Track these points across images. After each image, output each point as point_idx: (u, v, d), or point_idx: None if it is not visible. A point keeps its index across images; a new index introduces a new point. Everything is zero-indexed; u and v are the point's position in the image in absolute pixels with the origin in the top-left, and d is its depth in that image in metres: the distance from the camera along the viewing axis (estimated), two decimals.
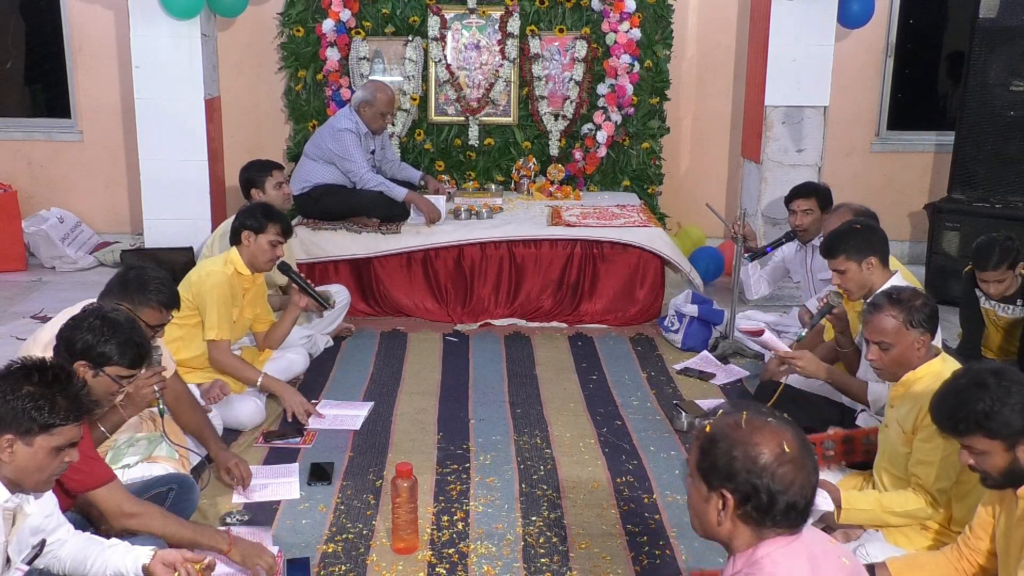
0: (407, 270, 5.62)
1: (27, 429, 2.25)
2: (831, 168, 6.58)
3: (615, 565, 3.13)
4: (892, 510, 2.89)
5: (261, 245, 4.12)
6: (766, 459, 1.79)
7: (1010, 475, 2.37)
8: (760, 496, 1.79)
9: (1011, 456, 2.34)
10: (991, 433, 2.33)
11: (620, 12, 6.35)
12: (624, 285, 5.59)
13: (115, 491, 2.74)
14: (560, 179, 6.50)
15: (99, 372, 2.78)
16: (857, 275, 3.69)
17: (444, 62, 6.50)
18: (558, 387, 4.65)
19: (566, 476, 3.73)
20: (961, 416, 2.37)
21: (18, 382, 2.27)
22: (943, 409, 2.44)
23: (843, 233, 3.75)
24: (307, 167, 5.64)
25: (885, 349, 2.99)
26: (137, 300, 3.21)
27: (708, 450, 1.85)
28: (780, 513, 1.80)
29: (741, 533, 1.84)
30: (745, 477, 1.79)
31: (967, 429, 2.36)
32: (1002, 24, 5.89)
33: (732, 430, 1.84)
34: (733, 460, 1.81)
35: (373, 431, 4.13)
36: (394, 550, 3.18)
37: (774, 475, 1.78)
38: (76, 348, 2.76)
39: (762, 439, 1.81)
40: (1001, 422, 2.32)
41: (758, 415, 1.87)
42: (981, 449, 2.36)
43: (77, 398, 2.32)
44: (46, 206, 6.89)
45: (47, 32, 6.87)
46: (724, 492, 1.82)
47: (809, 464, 1.82)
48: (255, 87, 6.82)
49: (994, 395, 2.33)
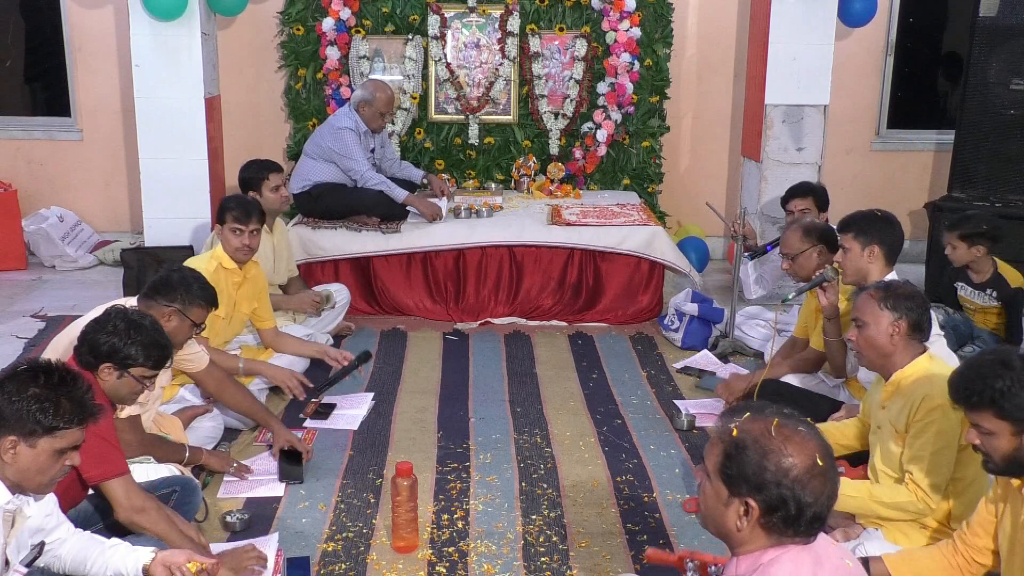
0: (407, 269, 5.62)
1: (31, 431, 2.25)
2: (831, 167, 6.58)
3: (615, 564, 3.13)
4: (880, 500, 2.89)
5: (226, 235, 4.17)
6: (798, 472, 1.74)
7: (1013, 462, 2.35)
8: (788, 507, 1.74)
9: (1017, 442, 2.32)
10: (1002, 412, 2.31)
11: (620, 11, 6.35)
12: (624, 284, 5.59)
13: (126, 483, 2.79)
14: (560, 178, 6.50)
15: (124, 374, 2.84)
16: (857, 258, 3.73)
17: (444, 61, 6.50)
18: (558, 386, 4.65)
19: (566, 475, 3.73)
20: (977, 388, 2.34)
21: (24, 384, 2.27)
22: (962, 379, 2.41)
23: (862, 214, 3.85)
24: (307, 166, 5.64)
25: (860, 327, 3.01)
26: (185, 300, 3.36)
27: (735, 456, 1.79)
28: (805, 524, 1.76)
29: (757, 538, 1.80)
30: (776, 490, 1.74)
31: (979, 403, 2.34)
32: (1002, 23, 5.89)
33: (762, 438, 1.77)
34: (764, 471, 1.75)
35: (373, 430, 4.13)
36: (394, 549, 3.18)
37: (805, 488, 1.73)
38: (102, 350, 2.81)
39: (794, 450, 1.75)
40: (1016, 404, 2.29)
41: (788, 422, 1.80)
42: (989, 428, 2.34)
43: (82, 401, 2.33)
44: (46, 205, 6.88)
45: (47, 31, 6.87)
46: (749, 501, 1.77)
47: (835, 475, 1.78)
48: (255, 86, 6.82)
49: (1017, 376, 2.30)
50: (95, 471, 2.73)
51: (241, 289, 4.24)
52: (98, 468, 2.73)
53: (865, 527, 3.00)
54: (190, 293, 3.38)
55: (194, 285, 3.41)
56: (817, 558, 1.80)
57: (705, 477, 1.87)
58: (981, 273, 4.49)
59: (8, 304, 5.83)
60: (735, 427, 1.81)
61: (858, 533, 2.97)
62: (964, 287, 4.57)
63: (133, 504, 2.76)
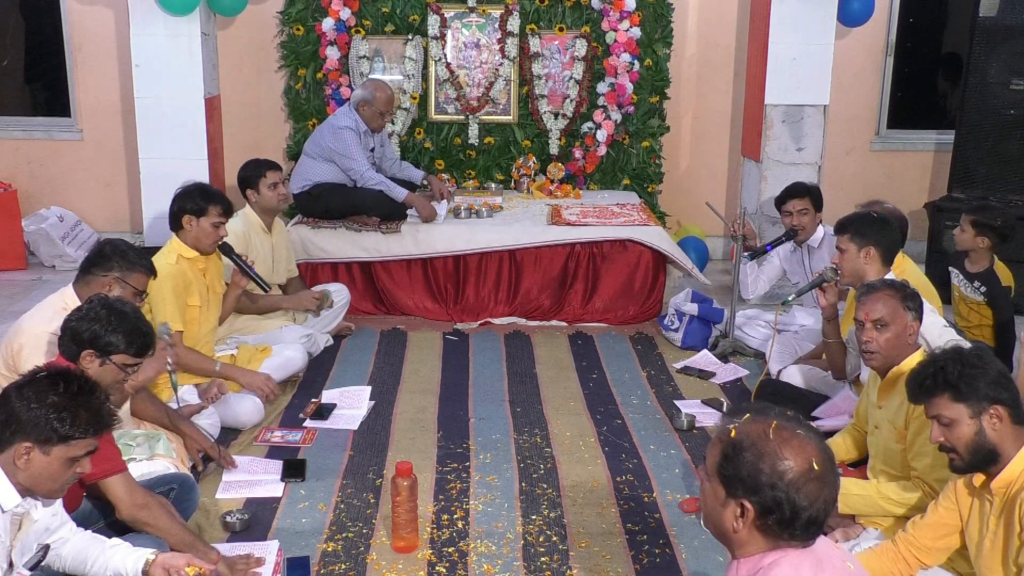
0: (407, 269, 5.62)
1: (46, 438, 2.26)
2: (831, 167, 6.58)
3: (615, 564, 3.13)
4: (888, 496, 2.90)
5: (204, 228, 4.09)
6: (793, 475, 1.73)
7: (977, 451, 2.38)
8: (783, 510, 1.73)
9: (976, 426, 2.37)
10: (957, 394, 2.37)
11: (620, 11, 6.35)
12: (624, 284, 5.59)
13: (127, 480, 2.79)
14: (560, 178, 6.50)
15: (106, 361, 2.82)
16: (854, 259, 3.76)
17: (444, 61, 6.50)
18: (558, 386, 4.65)
19: (566, 475, 3.73)
20: (931, 373, 2.42)
21: (43, 391, 2.28)
22: (916, 373, 2.49)
23: (859, 216, 3.88)
24: (307, 165, 5.64)
25: (881, 328, 3.01)
26: (123, 267, 3.32)
27: (732, 457, 1.78)
28: (801, 527, 1.75)
29: (755, 541, 1.80)
30: (770, 492, 1.73)
31: (934, 387, 2.40)
32: (1002, 23, 5.89)
33: (760, 440, 1.77)
34: (759, 473, 1.74)
35: (373, 430, 4.13)
36: (394, 549, 3.18)
37: (800, 491, 1.72)
38: (83, 338, 2.80)
39: (791, 453, 1.74)
40: (967, 382, 2.37)
41: (787, 424, 1.79)
42: (948, 417, 2.39)
43: (99, 412, 2.34)
44: (46, 205, 6.88)
45: (47, 31, 6.87)
46: (745, 503, 1.77)
47: (833, 479, 1.77)
48: (255, 86, 6.82)
49: (967, 359, 2.40)
50: (95, 469, 2.72)
51: (208, 273, 4.22)
52: (98, 466, 2.72)
53: (865, 527, 3.00)
54: (126, 260, 3.34)
55: (129, 252, 3.38)
56: (818, 561, 1.79)
57: (705, 477, 1.87)
58: (977, 264, 4.53)
59: (8, 304, 5.83)
60: (733, 428, 1.81)
61: (858, 533, 2.98)
62: (957, 274, 4.60)
63: (135, 500, 2.77)
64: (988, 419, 2.37)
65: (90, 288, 3.28)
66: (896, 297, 3.02)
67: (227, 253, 4.31)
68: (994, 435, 2.36)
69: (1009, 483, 2.38)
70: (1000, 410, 2.36)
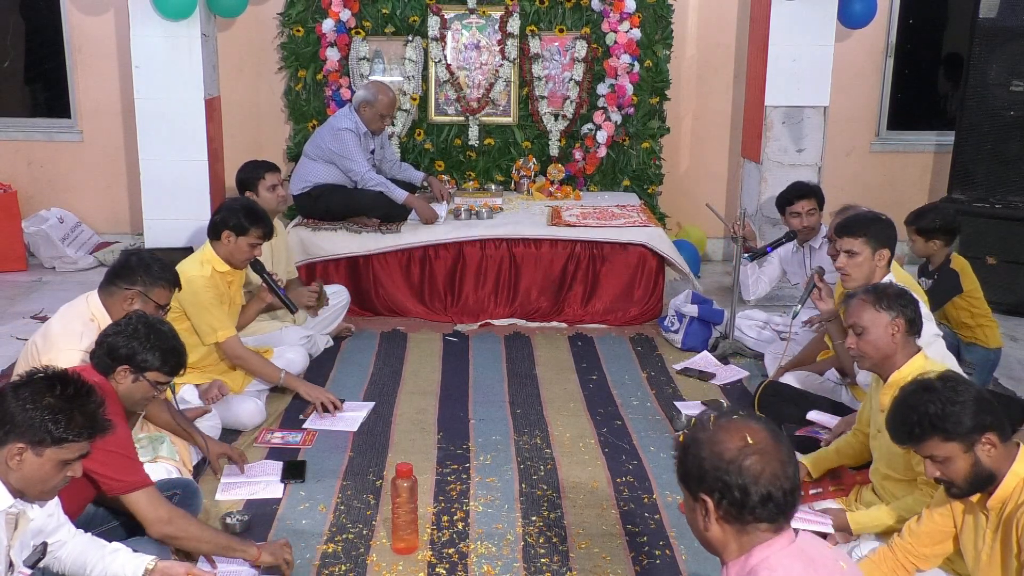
0: (407, 270, 5.62)
1: (40, 440, 2.26)
2: (831, 168, 6.58)
3: (615, 565, 3.13)
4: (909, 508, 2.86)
5: (241, 246, 4.14)
6: (731, 453, 1.79)
7: (975, 479, 2.39)
8: (732, 492, 1.78)
9: (971, 458, 2.38)
10: (946, 434, 2.37)
11: (620, 12, 6.35)
12: (624, 285, 5.59)
13: (152, 495, 2.77)
14: (560, 179, 6.50)
15: (139, 377, 2.87)
16: (868, 262, 3.70)
17: (444, 62, 6.50)
18: (558, 387, 4.65)
19: (566, 476, 3.73)
20: (915, 421, 2.40)
21: (40, 392, 2.29)
22: (897, 420, 2.47)
23: (870, 219, 3.81)
24: (307, 167, 5.64)
25: (859, 333, 3.02)
26: (147, 281, 3.34)
27: (683, 459, 1.86)
28: (757, 506, 1.78)
29: (728, 537, 1.83)
30: (714, 475, 1.79)
31: (923, 433, 2.40)
32: (1002, 24, 5.89)
33: (700, 433, 1.85)
34: (702, 461, 1.81)
35: (373, 431, 4.13)
36: (394, 550, 3.18)
37: (740, 467, 1.77)
38: (120, 353, 2.84)
39: (726, 435, 1.81)
40: (953, 420, 2.35)
41: (726, 415, 1.86)
42: (942, 455, 2.39)
43: (94, 416, 2.34)
44: (46, 206, 6.89)
45: (47, 32, 6.87)
46: (703, 496, 1.82)
47: (780, 453, 1.81)
48: (255, 87, 6.82)
49: (943, 396, 2.38)
50: (119, 485, 2.73)
51: (233, 285, 4.26)
52: (122, 482, 2.73)
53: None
54: (150, 274, 3.35)
55: (154, 266, 3.38)
56: (811, 560, 1.81)
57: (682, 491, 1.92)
58: (935, 264, 4.59)
59: (8, 305, 5.83)
60: (682, 434, 1.90)
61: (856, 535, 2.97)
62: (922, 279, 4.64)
63: (159, 516, 2.75)
64: (981, 448, 2.37)
65: (113, 299, 3.33)
66: (868, 301, 3.02)
67: (259, 271, 4.35)
68: (989, 461, 2.37)
69: (1004, 500, 2.39)
70: (991, 436, 2.36)
